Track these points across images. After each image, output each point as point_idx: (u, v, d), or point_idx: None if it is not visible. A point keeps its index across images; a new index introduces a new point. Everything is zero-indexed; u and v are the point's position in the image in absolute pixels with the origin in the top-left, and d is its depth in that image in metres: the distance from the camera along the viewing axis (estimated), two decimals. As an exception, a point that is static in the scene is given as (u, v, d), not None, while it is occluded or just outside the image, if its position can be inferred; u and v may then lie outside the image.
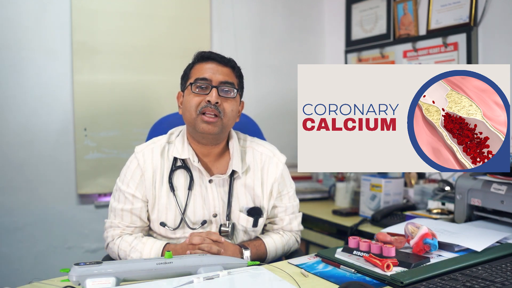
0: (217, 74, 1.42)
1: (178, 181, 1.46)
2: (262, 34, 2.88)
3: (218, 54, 1.47)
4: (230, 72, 1.46)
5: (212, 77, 1.42)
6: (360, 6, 2.80)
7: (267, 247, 1.49)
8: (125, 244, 1.42)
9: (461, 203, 1.75)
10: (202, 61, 1.46)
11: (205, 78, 1.42)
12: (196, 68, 1.46)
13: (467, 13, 2.18)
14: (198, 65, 1.46)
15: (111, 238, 1.46)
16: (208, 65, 1.44)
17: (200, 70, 1.44)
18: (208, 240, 1.36)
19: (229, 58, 1.48)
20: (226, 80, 1.43)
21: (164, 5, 2.55)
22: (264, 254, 1.48)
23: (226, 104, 1.42)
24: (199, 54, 1.48)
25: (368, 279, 1.20)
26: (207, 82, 1.41)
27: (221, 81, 1.42)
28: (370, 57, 2.71)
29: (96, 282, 1.11)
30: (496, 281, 1.12)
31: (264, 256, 1.49)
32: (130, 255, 1.40)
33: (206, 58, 1.46)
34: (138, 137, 2.46)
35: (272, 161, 1.54)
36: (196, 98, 1.41)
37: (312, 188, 2.71)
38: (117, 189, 1.48)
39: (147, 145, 1.50)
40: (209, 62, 1.45)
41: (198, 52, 1.49)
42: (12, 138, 2.25)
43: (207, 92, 1.41)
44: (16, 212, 2.27)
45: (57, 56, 2.32)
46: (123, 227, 1.46)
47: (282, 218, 1.57)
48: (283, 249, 1.54)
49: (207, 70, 1.43)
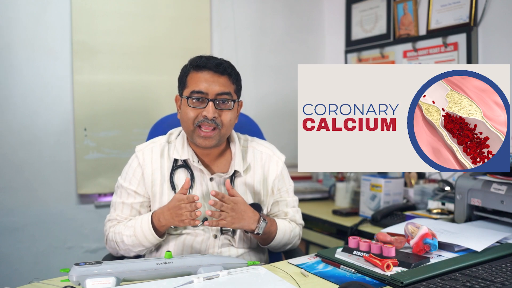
0: (213, 86, 1.40)
1: (179, 179, 1.48)
2: (262, 34, 2.88)
3: (214, 60, 1.43)
4: (226, 80, 1.43)
5: (208, 90, 1.39)
6: (360, 6, 2.80)
7: (278, 227, 1.50)
8: (119, 226, 1.45)
9: (461, 203, 1.75)
10: (197, 69, 1.42)
11: (201, 91, 1.39)
12: (191, 77, 1.43)
13: (467, 13, 2.18)
14: (193, 74, 1.43)
15: (108, 230, 1.48)
16: (204, 75, 1.41)
17: (196, 81, 1.41)
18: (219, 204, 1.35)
19: (225, 66, 1.43)
20: (222, 91, 1.40)
21: (164, 5, 2.55)
22: (274, 232, 1.49)
23: (224, 116, 1.42)
24: (194, 62, 1.44)
25: (368, 279, 1.20)
26: (203, 95, 1.40)
27: (218, 93, 1.40)
28: (370, 57, 2.71)
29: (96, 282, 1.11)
30: (496, 281, 1.12)
31: (274, 234, 1.49)
32: (125, 233, 1.42)
33: (201, 67, 1.42)
34: (138, 137, 2.46)
35: (272, 160, 1.56)
36: (193, 112, 1.40)
37: (312, 188, 2.71)
38: (119, 186, 1.51)
39: (147, 144, 1.52)
40: (205, 71, 1.41)
41: (193, 59, 1.46)
42: (12, 138, 2.25)
43: (204, 105, 1.39)
44: (16, 212, 2.27)
45: (57, 56, 2.32)
46: (121, 219, 1.48)
47: (286, 212, 1.59)
48: (289, 235, 1.54)
49: (203, 81, 1.40)
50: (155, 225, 1.40)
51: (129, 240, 1.41)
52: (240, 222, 1.37)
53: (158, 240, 1.41)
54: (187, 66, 1.47)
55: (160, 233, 1.42)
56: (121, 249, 1.45)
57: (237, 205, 1.36)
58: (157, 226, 1.40)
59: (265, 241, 1.50)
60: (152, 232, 1.39)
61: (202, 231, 1.47)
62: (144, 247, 1.43)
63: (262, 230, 1.42)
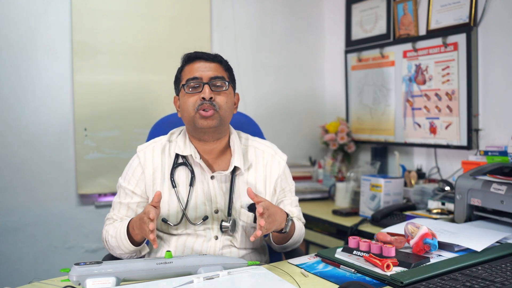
0: (206, 71, 1.46)
1: (180, 177, 1.48)
2: (262, 34, 2.88)
3: (204, 52, 1.51)
4: (218, 66, 1.49)
5: (202, 75, 1.45)
6: (360, 6, 2.80)
7: (296, 226, 1.51)
8: (111, 225, 1.46)
9: (461, 203, 1.75)
10: (189, 62, 1.49)
11: (195, 77, 1.45)
12: (185, 70, 1.49)
13: (467, 13, 2.18)
14: (186, 67, 1.49)
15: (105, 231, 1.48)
16: (196, 65, 1.48)
17: (190, 71, 1.47)
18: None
19: (215, 54, 1.52)
20: (215, 75, 1.46)
21: (164, 5, 2.55)
22: (293, 230, 1.50)
23: (220, 98, 1.45)
24: (185, 56, 1.52)
25: (368, 279, 1.20)
26: (198, 80, 1.45)
27: (211, 77, 1.45)
28: (370, 57, 2.71)
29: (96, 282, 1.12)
30: (496, 281, 1.12)
31: (292, 233, 1.50)
32: (110, 233, 1.42)
33: (193, 58, 1.49)
34: (138, 137, 2.46)
35: (274, 159, 1.57)
36: (191, 98, 1.44)
37: (312, 188, 2.71)
38: (119, 186, 1.53)
39: (148, 144, 1.53)
40: (196, 61, 1.48)
41: (185, 55, 1.53)
42: (12, 138, 2.25)
43: (200, 90, 1.44)
44: (16, 212, 2.27)
45: (57, 56, 2.32)
46: (117, 218, 1.49)
47: (291, 211, 1.59)
48: (299, 233, 1.55)
49: (196, 69, 1.46)
50: (129, 231, 1.38)
51: (112, 240, 1.41)
52: (274, 224, 1.36)
53: (133, 247, 1.38)
54: (180, 66, 1.53)
55: (135, 242, 1.39)
56: (109, 248, 1.45)
57: (269, 210, 1.34)
58: (131, 233, 1.38)
59: (284, 240, 1.50)
60: (126, 237, 1.37)
61: (203, 231, 1.46)
62: (123, 251, 1.40)
63: (289, 228, 1.43)
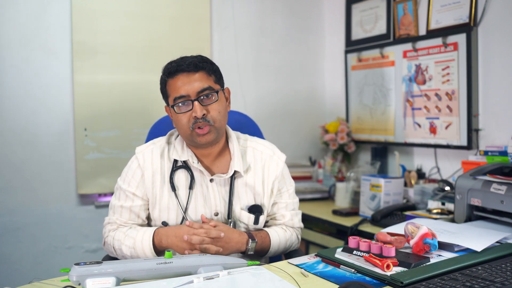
0: (191, 86, 1.39)
1: (179, 180, 1.48)
2: (262, 34, 2.88)
3: (185, 61, 1.41)
4: (202, 75, 1.41)
5: (188, 91, 1.39)
6: (360, 6, 2.80)
7: (272, 240, 1.50)
8: (120, 233, 1.44)
9: (461, 203, 1.75)
10: (171, 76, 1.42)
11: (182, 96, 1.39)
12: (169, 85, 1.43)
13: (467, 13, 2.18)
14: (170, 82, 1.43)
15: (107, 233, 1.47)
16: (179, 80, 1.40)
17: (174, 88, 1.41)
18: (208, 240, 1.36)
19: (196, 62, 1.41)
20: (202, 88, 1.40)
21: (164, 5, 2.55)
22: (267, 247, 1.49)
23: (212, 110, 1.41)
24: (166, 70, 1.44)
25: (368, 279, 1.20)
26: (186, 98, 1.39)
27: (198, 91, 1.39)
28: (370, 57, 2.71)
29: (96, 282, 1.12)
30: (496, 281, 1.12)
31: (267, 249, 1.49)
32: (124, 243, 1.41)
33: (173, 72, 1.41)
34: (138, 137, 2.46)
35: (272, 160, 1.55)
36: (184, 117, 1.40)
37: (312, 188, 2.71)
38: (118, 187, 1.50)
39: (147, 146, 1.52)
40: (178, 75, 1.41)
41: (165, 67, 1.45)
42: (12, 138, 2.25)
43: (191, 107, 1.39)
44: (16, 212, 2.27)
45: (57, 56, 2.32)
46: (120, 223, 1.48)
47: (284, 214, 1.58)
48: (285, 244, 1.54)
49: (181, 86, 1.40)
50: (155, 244, 1.40)
51: (128, 250, 1.41)
52: (229, 249, 1.39)
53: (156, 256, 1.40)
54: (162, 77, 1.47)
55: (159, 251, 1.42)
56: (118, 255, 1.45)
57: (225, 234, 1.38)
58: (157, 245, 1.40)
59: (261, 253, 1.50)
60: (152, 251, 1.39)
61: (203, 231, 1.46)
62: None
63: (253, 250, 1.44)
